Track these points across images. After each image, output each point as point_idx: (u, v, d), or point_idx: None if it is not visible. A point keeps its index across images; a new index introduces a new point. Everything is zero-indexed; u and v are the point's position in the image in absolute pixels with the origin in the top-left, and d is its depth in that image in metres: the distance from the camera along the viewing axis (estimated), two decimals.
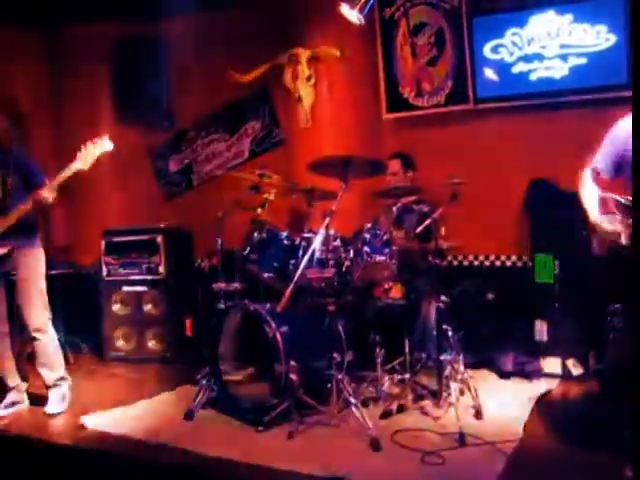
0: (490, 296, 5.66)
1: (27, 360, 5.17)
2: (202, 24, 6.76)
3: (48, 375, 4.91)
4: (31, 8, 6.53)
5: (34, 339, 4.83)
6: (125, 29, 7.09)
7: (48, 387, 4.92)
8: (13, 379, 4.97)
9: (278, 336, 4.25)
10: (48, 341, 4.88)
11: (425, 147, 5.95)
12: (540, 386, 4.98)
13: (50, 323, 4.90)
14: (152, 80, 7.14)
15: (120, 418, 4.66)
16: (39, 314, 4.82)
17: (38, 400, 4.98)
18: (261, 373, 4.60)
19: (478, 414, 4.26)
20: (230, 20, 6.79)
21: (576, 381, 5.08)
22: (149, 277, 6.53)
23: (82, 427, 4.51)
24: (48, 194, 4.59)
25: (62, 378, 4.96)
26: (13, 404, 4.94)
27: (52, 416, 4.79)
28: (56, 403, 4.87)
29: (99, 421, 4.57)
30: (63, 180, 4.60)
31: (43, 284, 4.87)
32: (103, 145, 4.69)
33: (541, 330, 5.30)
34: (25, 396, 5.04)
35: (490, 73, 5.87)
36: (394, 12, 6.35)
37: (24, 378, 5.08)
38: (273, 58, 6.55)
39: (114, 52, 7.22)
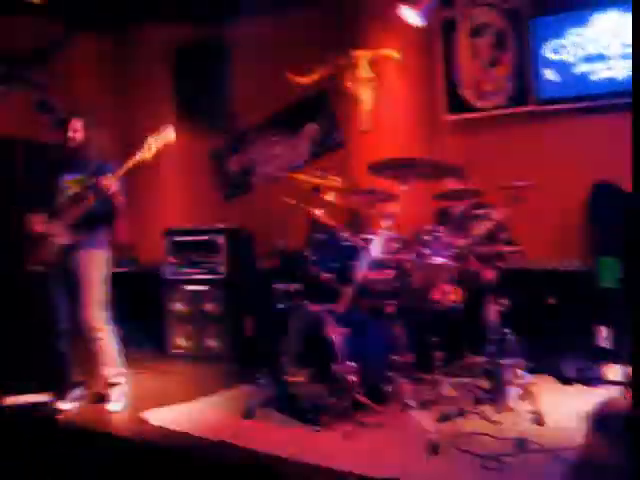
0: (551, 300, 5.58)
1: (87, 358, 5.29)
2: (264, 27, 6.84)
3: (107, 373, 5.02)
4: (96, 10, 6.68)
5: (92, 338, 4.94)
6: (189, 32, 7.22)
7: (107, 385, 5.03)
8: (77, 375, 5.11)
9: (337, 337, 4.28)
10: (106, 340, 4.98)
11: (485, 149, 5.91)
12: (602, 393, 4.89)
13: (108, 322, 5.01)
14: (214, 82, 7.24)
15: (181, 415, 4.73)
16: (96, 313, 4.92)
17: (98, 397, 5.09)
18: (319, 373, 4.62)
19: (538, 420, 4.19)
20: (291, 23, 6.85)
21: None
22: (210, 276, 6.64)
23: (144, 422, 4.60)
24: (111, 181, 4.65)
25: (121, 376, 5.07)
26: (77, 399, 5.07)
27: (109, 412, 4.90)
28: (116, 401, 4.97)
29: (160, 417, 4.65)
30: (127, 169, 4.69)
31: (102, 284, 4.98)
32: (167, 135, 4.77)
33: (604, 336, 5.20)
34: (87, 393, 5.17)
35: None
36: (454, 13, 6.32)
37: (85, 376, 5.21)
38: (333, 60, 6.58)
39: (177, 54, 7.36)
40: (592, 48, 5.66)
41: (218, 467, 3.90)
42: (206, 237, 6.69)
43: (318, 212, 4.83)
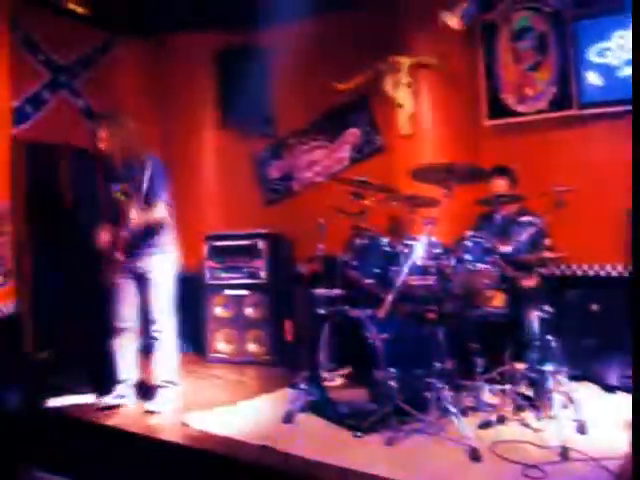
0: (594, 307, 5.51)
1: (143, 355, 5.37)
2: (303, 33, 6.85)
3: (159, 374, 5.09)
4: (139, 16, 6.78)
5: (154, 337, 5.05)
6: (229, 37, 7.28)
7: (156, 386, 5.10)
8: (127, 373, 5.18)
9: (378, 342, 4.28)
10: (167, 342, 5.09)
11: (527, 154, 5.86)
12: None
13: (173, 325, 5.13)
14: (255, 86, 7.28)
15: (221, 418, 4.77)
16: (163, 315, 5.05)
17: (145, 396, 5.17)
18: (360, 379, 4.62)
19: (581, 428, 4.14)
20: (331, 28, 6.85)
21: None
22: (250, 281, 6.68)
23: (184, 425, 4.65)
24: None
25: (172, 382, 5.13)
26: (120, 396, 5.13)
27: (152, 413, 4.95)
28: (160, 402, 5.03)
29: (200, 420, 4.70)
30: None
31: (171, 287, 5.11)
32: None
33: None
34: (132, 391, 5.24)
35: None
36: (495, 17, 6.28)
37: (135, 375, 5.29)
38: (374, 66, 6.56)
39: (218, 59, 7.42)
40: None
41: (258, 471, 3.92)
42: (247, 242, 6.74)
43: (359, 217, 4.84)
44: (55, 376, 5.80)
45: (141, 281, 5.06)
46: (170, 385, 5.11)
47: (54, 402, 5.23)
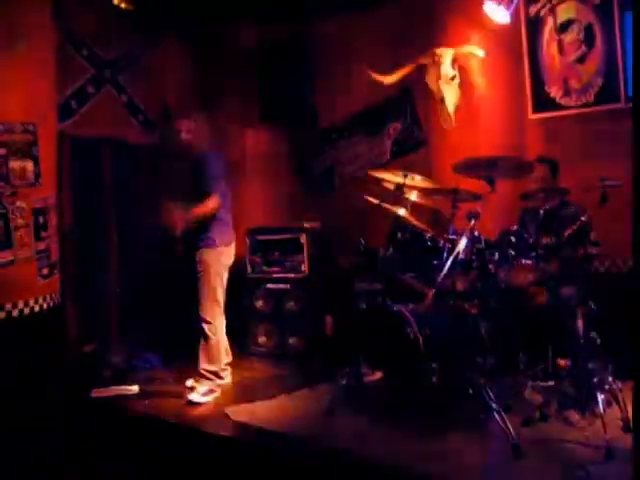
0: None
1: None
2: (345, 26, 6.84)
3: (203, 365, 5.15)
4: (181, 12, 6.82)
5: (201, 329, 5.15)
6: (271, 30, 7.29)
7: (200, 377, 5.15)
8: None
9: (420, 337, 4.25)
10: (212, 334, 5.19)
11: (573, 148, 5.76)
12: None
13: (220, 318, 5.26)
14: (296, 81, 7.30)
15: (262, 411, 4.81)
16: (207, 307, 5.18)
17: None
18: (402, 373, 4.59)
19: (627, 427, 4.07)
20: (373, 21, 6.82)
21: None
22: (292, 275, 6.70)
23: (226, 417, 4.69)
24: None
25: (216, 374, 5.19)
26: (211, 392, 5.22)
27: (193, 404, 5.02)
28: (201, 394, 5.08)
29: (242, 413, 4.74)
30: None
31: (217, 281, 5.25)
32: None
33: None
34: (228, 373, 5.47)
35: None
36: (540, 9, 6.17)
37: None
38: (416, 59, 6.50)
39: (260, 53, 7.45)
40: None
41: (300, 463, 3.94)
42: (288, 236, 6.76)
43: (401, 211, 4.81)
44: (101, 367, 5.93)
45: (193, 272, 5.19)
46: (213, 378, 5.15)
47: (100, 393, 5.33)
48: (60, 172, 5.62)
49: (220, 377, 5.24)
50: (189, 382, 5.28)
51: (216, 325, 5.20)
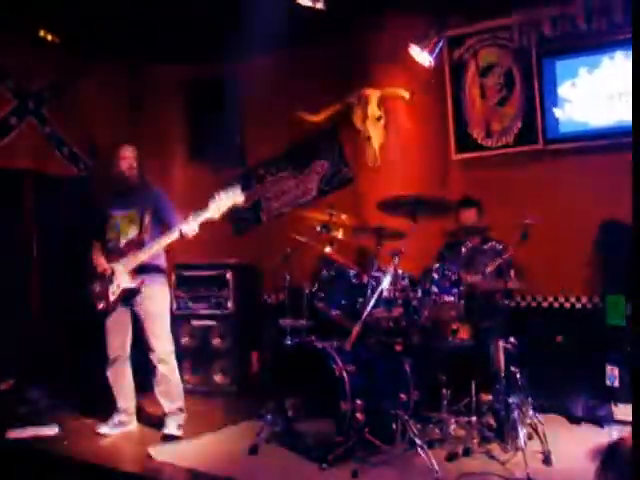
0: (559, 338, 5.55)
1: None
2: (274, 66, 6.88)
3: (167, 404, 5.07)
4: (114, 44, 6.75)
5: (157, 369, 5.02)
6: (200, 70, 7.30)
7: (165, 414, 5.06)
8: (125, 401, 5.20)
9: (345, 374, 4.26)
10: (170, 372, 5.09)
11: (494, 187, 5.92)
12: (612, 433, 4.84)
13: (173, 355, 5.11)
14: (226, 117, 7.29)
15: (186, 450, 4.72)
16: (164, 346, 5.05)
17: (152, 424, 5.25)
18: (326, 410, 4.59)
19: (547, 460, 4.16)
20: (300, 61, 6.89)
21: None
22: (217, 312, 6.65)
23: (149, 457, 4.59)
24: (194, 228, 4.90)
25: (180, 409, 5.10)
26: (120, 424, 5.15)
27: (170, 438, 4.93)
28: (174, 430, 5.00)
29: (165, 452, 4.64)
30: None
31: (168, 318, 5.12)
32: (235, 196, 4.82)
33: (612, 375, 5.14)
34: (134, 418, 5.27)
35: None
36: (463, 53, 6.37)
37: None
38: (343, 98, 6.62)
39: (191, 88, 7.44)
40: (602, 89, 5.68)
41: None
42: (214, 272, 6.72)
43: (327, 249, 4.85)
44: (18, 406, 5.72)
45: (140, 309, 5.03)
46: (179, 414, 5.09)
47: (15, 434, 5.13)
48: None
49: (184, 411, 5.14)
50: (102, 428, 5.16)
51: (172, 363, 5.14)
